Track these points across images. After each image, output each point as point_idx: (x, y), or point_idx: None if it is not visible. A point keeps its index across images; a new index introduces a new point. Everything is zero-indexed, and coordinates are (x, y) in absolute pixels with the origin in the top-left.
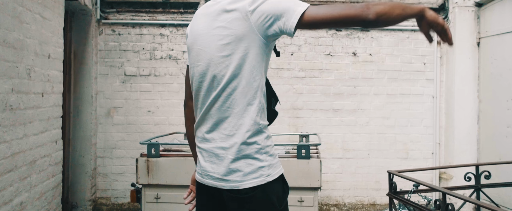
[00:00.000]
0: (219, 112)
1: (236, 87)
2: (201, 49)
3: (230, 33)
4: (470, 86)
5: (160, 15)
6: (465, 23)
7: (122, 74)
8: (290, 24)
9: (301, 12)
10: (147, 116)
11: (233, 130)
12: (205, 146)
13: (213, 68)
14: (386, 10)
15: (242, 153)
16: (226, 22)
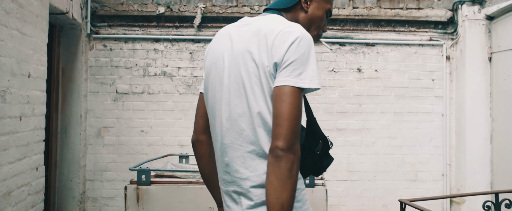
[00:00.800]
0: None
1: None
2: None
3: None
4: (482, 103)
5: (154, 30)
6: (475, 37)
7: (113, 91)
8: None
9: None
10: (140, 136)
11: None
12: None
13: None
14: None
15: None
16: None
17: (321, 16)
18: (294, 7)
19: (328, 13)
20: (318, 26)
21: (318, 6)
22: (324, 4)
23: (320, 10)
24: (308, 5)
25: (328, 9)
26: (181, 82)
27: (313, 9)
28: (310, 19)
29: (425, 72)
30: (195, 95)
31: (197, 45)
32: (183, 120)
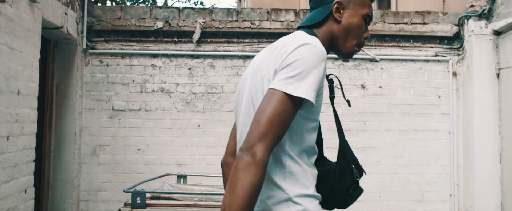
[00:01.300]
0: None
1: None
2: None
3: None
4: (490, 121)
5: (152, 45)
6: (482, 53)
7: (109, 108)
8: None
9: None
10: (137, 155)
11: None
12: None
13: None
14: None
15: None
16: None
17: (357, 23)
18: (326, 21)
19: (367, 18)
20: (356, 35)
21: (353, 12)
22: (360, 9)
23: (356, 16)
24: (341, 14)
25: (365, 14)
26: (179, 99)
27: (347, 17)
28: (345, 29)
29: (431, 88)
30: (194, 112)
31: (196, 61)
32: (182, 138)
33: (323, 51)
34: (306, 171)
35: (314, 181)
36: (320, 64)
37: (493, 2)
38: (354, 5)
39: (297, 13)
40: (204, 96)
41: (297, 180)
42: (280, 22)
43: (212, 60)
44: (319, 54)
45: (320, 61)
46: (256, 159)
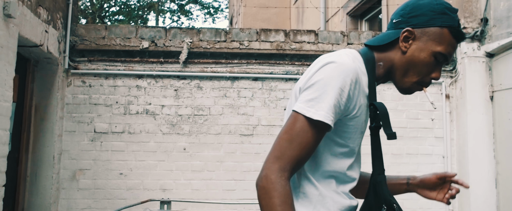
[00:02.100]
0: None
1: None
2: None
3: None
4: (485, 145)
5: (137, 65)
6: (476, 75)
7: (91, 131)
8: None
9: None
10: (119, 179)
11: None
12: None
13: None
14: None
15: None
16: None
17: (424, 59)
18: (391, 46)
19: (441, 58)
20: (420, 72)
21: (424, 47)
22: (433, 45)
23: (425, 52)
24: (409, 44)
25: (438, 53)
26: (164, 121)
27: (414, 50)
28: (408, 62)
29: (424, 111)
30: (179, 135)
31: (183, 82)
32: (166, 162)
33: (350, 69)
34: (324, 196)
35: (336, 208)
36: (343, 84)
37: (486, 24)
38: (428, 39)
39: (287, 33)
40: (190, 118)
41: (309, 203)
42: (269, 43)
43: (199, 81)
44: (344, 73)
45: (344, 80)
46: (269, 183)
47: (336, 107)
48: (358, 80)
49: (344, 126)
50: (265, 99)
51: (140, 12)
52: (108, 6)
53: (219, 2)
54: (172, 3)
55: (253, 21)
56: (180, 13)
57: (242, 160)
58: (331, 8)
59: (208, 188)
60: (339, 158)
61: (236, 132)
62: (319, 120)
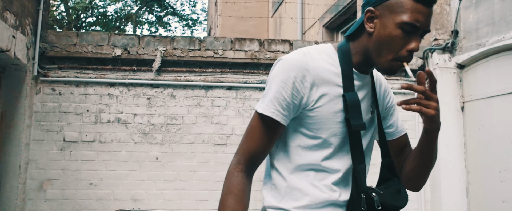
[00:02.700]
0: None
1: None
2: None
3: None
4: (456, 155)
5: (110, 73)
6: (447, 86)
7: (60, 140)
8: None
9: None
10: (88, 189)
11: None
12: None
13: None
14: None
15: None
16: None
17: (391, 34)
18: (362, 31)
19: (407, 27)
20: (391, 48)
21: (387, 22)
22: (394, 18)
23: (389, 26)
24: (374, 24)
25: (403, 22)
26: (137, 130)
27: (380, 28)
28: (378, 42)
29: None
30: (152, 144)
31: (156, 91)
32: (138, 171)
33: (294, 64)
34: (292, 188)
35: (305, 199)
36: (285, 78)
37: (456, 36)
38: (390, 13)
39: (262, 43)
40: (163, 127)
41: (278, 194)
42: (244, 52)
43: (172, 89)
44: (287, 68)
45: (286, 74)
46: (226, 174)
47: (280, 100)
48: (306, 73)
49: (307, 118)
50: (239, 108)
51: (118, 23)
52: (84, 17)
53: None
54: (150, 14)
55: (231, 33)
56: (158, 25)
57: (215, 170)
58: (307, 19)
59: (180, 198)
60: (311, 150)
61: (210, 141)
62: (262, 113)
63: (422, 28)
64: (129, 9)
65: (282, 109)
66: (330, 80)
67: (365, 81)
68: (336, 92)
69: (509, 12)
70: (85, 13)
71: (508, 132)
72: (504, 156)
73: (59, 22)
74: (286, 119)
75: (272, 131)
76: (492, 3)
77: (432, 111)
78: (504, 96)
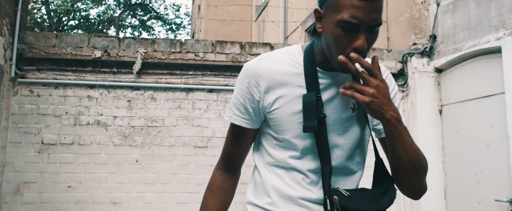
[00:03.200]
0: None
1: None
2: None
3: None
4: (434, 157)
5: (89, 75)
6: (426, 90)
7: (38, 142)
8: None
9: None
10: (67, 192)
11: None
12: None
13: None
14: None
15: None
16: None
17: (332, 33)
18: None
19: (346, 25)
20: (337, 48)
21: (329, 21)
22: (334, 16)
23: (330, 26)
24: (321, 24)
25: (340, 21)
26: (116, 132)
27: (325, 28)
28: (326, 42)
29: None
30: (132, 146)
31: (136, 93)
32: (117, 174)
33: (247, 69)
34: (265, 184)
35: (275, 196)
36: (241, 84)
37: (434, 41)
38: (330, 11)
39: (243, 46)
40: (143, 130)
41: (255, 188)
42: (225, 55)
43: (153, 92)
44: (242, 74)
45: (241, 80)
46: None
47: (237, 105)
48: (260, 78)
49: (270, 120)
50: (220, 111)
51: (100, 27)
52: (66, 20)
53: (181, 19)
54: (133, 18)
55: (214, 37)
56: (142, 29)
57: (196, 173)
58: (290, 23)
59: (160, 201)
60: (278, 150)
61: (190, 144)
62: (228, 120)
63: (364, 24)
64: (112, 13)
65: (241, 113)
66: (288, 81)
67: (337, 79)
68: (297, 93)
69: (484, 18)
70: (67, 16)
71: (483, 135)
72: (480, 158)
73: (40, 25)
74: (249, 121)
75: (238, 133)
76: (468, 8)
77: (365, 98)
78: (479, 99)
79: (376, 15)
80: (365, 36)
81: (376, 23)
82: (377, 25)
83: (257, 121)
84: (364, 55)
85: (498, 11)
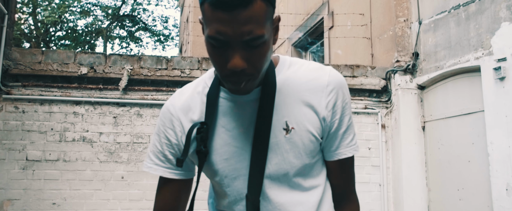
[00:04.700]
0: None
1: None
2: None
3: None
4: (418, 173)
5: (75, 91)
6: (409, 106)
7: (23, 158)
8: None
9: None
10: (51, 210)
11: None
12: None
13: None
14: None
15: None
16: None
17: (207, 51)
18: None
19: (215, 42)
20: (216, 67)
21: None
22: (205, 31)
23: (206, 42)
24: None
25: (208, 37)
26: (102, 148)
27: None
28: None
29: (362, 140)
30: (118, 163)
31: (122, 109)
32: (103, 191)
33: (163, 109)
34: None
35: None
36: (157, 126)
37: (417, 58)
38: (204, 27)
39: None
40: (129, 146)
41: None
42: None
43: (139, 108)
44: (159, 117)
45: (158, 123)
46: None
47: (158, 152)
48: (173, 118)
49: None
50: None
51: (88, 38)
52: (54, 31)
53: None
54: (121, 29)
55: (201, 50)
56: (130, 40)
57: None
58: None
59: None
60: (215, 186)
61: None
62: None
63: (234, 39)
64: (100, 24)
65: (161, 162)
66: (200, 115)
67: (248, 99)
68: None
69: (464, 37)
70: (54, 27)
71: (465, 152)
72: (462, 174)
73: (27, 36)
74: (172, 170)
75: (164, 185)
76: (449, 28)
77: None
78: (460, 117)
79: (249, 27)
80: (241, 54)
81: (252, 37)
82: (255, 39)
83: (184, 169)
84: (247, 74)
85: (476, 31)
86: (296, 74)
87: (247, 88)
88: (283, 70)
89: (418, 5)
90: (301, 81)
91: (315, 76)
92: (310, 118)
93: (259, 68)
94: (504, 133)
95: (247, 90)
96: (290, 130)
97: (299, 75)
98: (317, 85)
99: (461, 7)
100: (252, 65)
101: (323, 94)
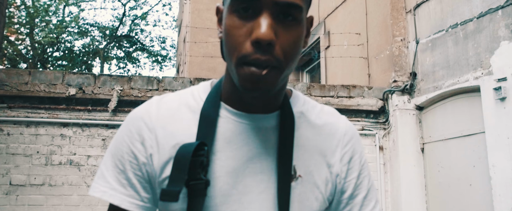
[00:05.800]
0: None
1: None
2: None
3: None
4: (417, 196)
5: (63, 113)
6: (407, 127)
7: (6, 183)
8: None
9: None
10: None
11: None
12: None
13: None
14: None
15: None
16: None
17: (227, 26)
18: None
19: (237, 4)
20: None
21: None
22: (228, 2)
23: (226, 17)
24: (221, 25)
25: (231, 2)
26: (90, 172)
27: (223, 28)
28: (225, 52)
29: None
30: None
31: (111, 131)
32: None
33: (131, 117)
34: None
35: None
36: (120, 138)
37: (414, 78)
38: (226, 1)
39: None
40: None
41: None
42: None
43: None
44: (123, 125)
45: (122, 133)
46: None
47: (118, 173)
48: (145, 130)
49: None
50: None
51: (85, 58)
52: (51, 51)
53: (167, 51)
54: (119, 50)
55: (198, 70)
56: (127, 60)
57: None
58: None
59: None
60: None
61: None
62: (95, 195)
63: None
64: (97, 44)
65: (121, 186)
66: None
67: (262, 124)
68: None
69: (462, 57)
70: (51, 48)
71: (466, 175)
72: (463, 198)
73: (24, 56)
74: (134, 200)
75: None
76: (447, 47)
77: None
78: (460, 138)
79: None
80: (270, 22)
81: (288, 1)
82: (291, 6)
83: (149, 201)
84: (274, 57)
85: (475, 50)
86: (311, 113)
87: (268, 79)
88: (297, 104)
89: (415, 24)
90: (316, 123)
91: (332, 121)
92: (320, 171)
93: (288, 56)
94: (507, 155)
95: (267, 83)
96: (297, 178)
97: (314, 116)
98: (333, 131)
99: (459, 26)
100: (281, 46)
101: (339, 143)
